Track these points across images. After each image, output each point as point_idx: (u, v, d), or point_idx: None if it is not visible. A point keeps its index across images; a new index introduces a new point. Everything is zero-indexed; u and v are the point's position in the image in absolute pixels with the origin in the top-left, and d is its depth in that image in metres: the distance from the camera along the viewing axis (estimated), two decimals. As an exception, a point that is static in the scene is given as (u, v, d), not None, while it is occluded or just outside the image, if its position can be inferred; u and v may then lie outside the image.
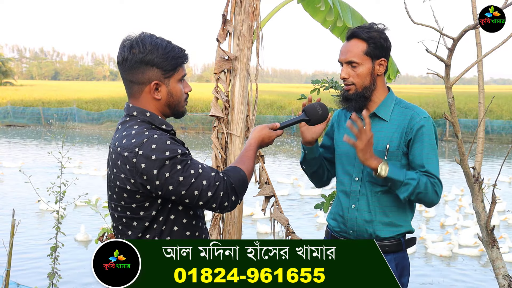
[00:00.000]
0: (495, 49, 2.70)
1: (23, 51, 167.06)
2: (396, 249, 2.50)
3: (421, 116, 2.47)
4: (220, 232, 3.59)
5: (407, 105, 2.54)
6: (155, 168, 1.82)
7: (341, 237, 2.57)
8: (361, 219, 2.50)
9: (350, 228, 2.54)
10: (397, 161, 2.46)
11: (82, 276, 6.85)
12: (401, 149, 2.46)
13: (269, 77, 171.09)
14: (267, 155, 18.31)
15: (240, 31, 3.53)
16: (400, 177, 2.37)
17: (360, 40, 2.47)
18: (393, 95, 2.57)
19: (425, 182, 2.39)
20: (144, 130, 1.89)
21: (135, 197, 1.89)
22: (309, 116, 2.36)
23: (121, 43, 1.97)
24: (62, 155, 4.48)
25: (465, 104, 28.26)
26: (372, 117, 2.52)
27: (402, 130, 2.47)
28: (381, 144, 2.47)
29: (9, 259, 4.10)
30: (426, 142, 2.44)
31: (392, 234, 2.50)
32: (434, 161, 2.44)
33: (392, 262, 2.48)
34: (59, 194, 4.37)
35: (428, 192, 2.40)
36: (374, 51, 2.47)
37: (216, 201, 1.90)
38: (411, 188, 2.37)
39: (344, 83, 2.52)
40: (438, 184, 2.42)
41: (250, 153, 2.10)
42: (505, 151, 20.73)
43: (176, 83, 1.99)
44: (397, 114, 2.51)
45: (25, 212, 9.50)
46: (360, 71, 2.47)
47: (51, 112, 29.76)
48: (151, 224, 1.92)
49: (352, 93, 2.49)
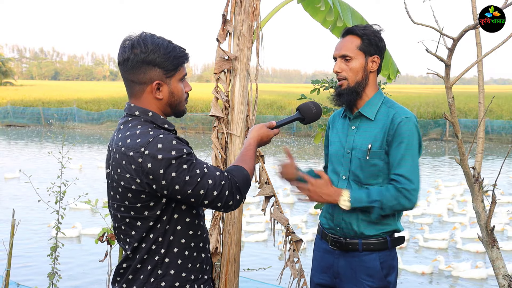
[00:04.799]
0: (495, 49, 2.70)
1: (23, 51, 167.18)
2: (381, 247, 2.53)
3: (402, 116, 2.48)
4: (220, 232, 3.59)
5: (393, 105, 2.56)
6: (161, 168, 1.82)
7: (330, 234, 2.63)
8: (347, 216, 2.54)
9: (337, 225, 2.59)
10: (380, 160, 2.49)
11: (82, 276, 6.85)
12: (384, 148, 2.49)
13: (269, 77, 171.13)
14: (267, 155, 18.30)
15: (240, 31, 3.53)
16: (363, 203, 2.42)
17: (354, 36, 2.54)
18: (381, 94, 2.60)
19: (392, 194, 2.42)
20: (148, 129, 1.89)
21: (140, 197, 1.89)
22: (303, 114, 2.41)
23: (122, 43, 1.97)
24: (62, 155, 4.48)
25: (465, 104, 28.26)
26: (359, 117, 2.58)
27: (385, 130, 2.49)
28: (365, 144, 2.52)
29: (9, 259, 4.10)
30: (403, 142, 2.45)
31: (377, 232, 2.53)
32: (409, 163, 2.44)
33: (376, 260, 2.52)
34: (59, 194, 4.37)
35: (397, 203, 2.43)
36: (368, 47, 2.52)
37: (222, 200, 1.91)
38: (377, 210, 2.43)
39: (337, 77, 2.57)
40: (407, 189, 2.42)
41: (250, 152, 2.11)
42: (505, 151, 20.72)
43: (177, 82, 1.99)
44: (382, 113, 2.54)
45: (25, 212, 9.49)
46: (353, 65, 2.52)
47: (51, 112, 29.77)
48: (155, 223, 1.92)
49: (344, 88, 2.54)
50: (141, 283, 1.94)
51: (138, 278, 1.95)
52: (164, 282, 1.93)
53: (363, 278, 2.52)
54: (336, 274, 2.60)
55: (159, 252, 1.93)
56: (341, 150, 2.58)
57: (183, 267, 1.96)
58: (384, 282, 2.52)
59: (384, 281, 2.52)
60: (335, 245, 2.60)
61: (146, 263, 1.94)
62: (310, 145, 22.47)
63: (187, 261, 1.97)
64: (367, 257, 2.52)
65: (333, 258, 2.62)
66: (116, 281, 2.02)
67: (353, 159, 2.53)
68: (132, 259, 1.96)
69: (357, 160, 2.52)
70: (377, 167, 2.49)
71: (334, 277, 2.62)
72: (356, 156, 2.52)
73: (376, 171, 2.49)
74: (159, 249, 1.93)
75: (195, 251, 1.99)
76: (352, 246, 2.54)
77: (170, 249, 1.93)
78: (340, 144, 2.62)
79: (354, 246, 2.54)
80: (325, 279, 2.65)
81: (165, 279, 1.93)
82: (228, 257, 3.53)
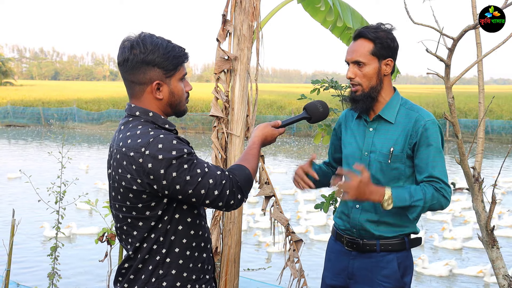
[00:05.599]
0: (495, 49, 2.70)
1: (23, 51, 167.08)
2: (399, 248, 2.50)
3: (426, 119, 2.45)
4: (220, 232, 3.59)
5: (412, 107, 2.52)
6: (162, 168, 1.82)
7: (346, 235, 2.59)
8: (364, 218, 2.51)
9: (353, 226, 2.55)
10: (401, 164, 2.46)
11: (82, 276, 6.86)
12: (405, 152, 2.46)
13: (269, 77, 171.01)
14: (267, 155, 18.30)
15: (240, 31, 3.53)
16: (406, 203, 2.37)
17: (366, 40, 2.47)
18: (399, 96, 2.56)
19: (431, 194, 2.39)
20: (149, 130, 1.89)
21: (141, 197, 1.89)
22: (310, 114, 2.39)
23: (121, 44, 1.96)
24: (62, 155, 4.48)
25: (465, 104, 28.26)
26: (378, 119, 2.53)
27: (407, 133, 2.46)
28: (386, 147, 2.47)
29: (9, 259, 4.10)
30: (431, 145, 2.43)
31: (395, 234, 2.50)
32: (440, 165, 2.43)
33: (394, 261, 2.49)
34: (59, 194, 4.37)
35: (437, 201, 2.40)
36: (381, 51, 2.46)
37: (223, 200, 1.90)
38: (419, 209, 2.39)
39: (351, 83, 2.52)
40: (445, 189, 2.42)
41: (254, 151, 2.11)
42: (505, 151, 20.71)
43: (177, 82, 1.99)
44: (402, 116, 2.50)
45: (25, 212, 9.48)
46: (367, 71, 2.46)
47: (51, 112, 29.77)
48: (156, 223, 1.92)
49: (359, 94, 2.49)
50: (142, 283, 1.94)
51: (139, 278, 1.95)
52: (165, 282, 1.93)
53: (379, 279, 2.49)
54: (351, 276, 2.57)
55: (160, 252, 1.93)
56: (358, 152, 2.53)
57: (184, 267, 1.96)
58: (401, 283, 2.49)
59: (401, 282, 2.49)
60: (351, 246, 2.56)
61: (148, 263, 1.94)
62: (310, 145, 22.46)
63: (189, 261, 1.97)
64: (385, 258, 2.49)
65: (348, 259, 2.58)
66: (118, 281, 2.02)
67: (373, 162, 2.49)
68: (133, 259, 1.96)
69: (378, 163, 2.48)
70: (399, 170, 2.46)
71: (348, 278, 2.58)
72: (376, 159, 2.48)
73: (398, 174, 2.47)
74: (161, 249, 1.93)
75: (196, 251, 1.99)
76: (369, 247, 2.51)
77: (172, 249, 1.93)
78: (356, 146, 2.56)
79: (372, 247, 2.51)
80: (338, 281, 2.61)
81: (167, 279, 1.93)
82: (228, 257, 3.53)
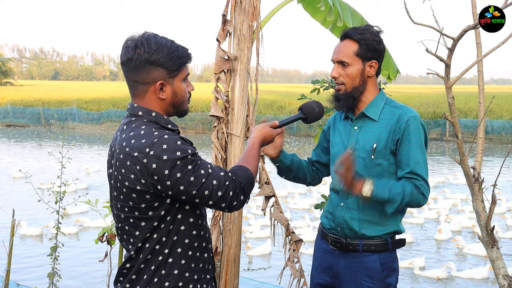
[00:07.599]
0: (495, 49, 2.70)
1: (23, 51, 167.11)
2: (382, 249, 2.53)
3: (408, 115, 2.48)
4: (220, 232, 3.59)
5: (397, 105, 2.56)
6: (166, 169, 1.82)
7: (331, 234, 2.62)
8: (348, 217, 2.54)
9: (338, 225, 2.58)
10: (384, 160, 2.49)
11: (82, 276, 6.86)
12: (389, 148, 2.48)
13: (269, 77, 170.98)
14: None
15: (240, 31, 3.53)
16: (385, 194, 2.39)
17: (352, 41, 2.51)
18: (383, 95, 2.60)
19: (410, 190, 2.41)
20: (153, 130, 1.89)
21: (145, 197, 1.89)
22: (306, 114, 2.41)
23: (125, 43, 1.96)
24: (62, 155, 4.48)
25: (465, 104, 28.26)
26: (362, 118, 2.56)
27: (390, 129, 2.49)
28: (369, 144, 2.51)
29: (9, 259, 4.10)
30: (413, 142, 2.45)
31: (378, 233, 2.52)
32: (421, 162, 2.45)
33: (377, 262, 2.51)
34: (59, 194, 4.37)
35: (416, 199, 2.43)
36: (366, 52, 2.49)
37: (226, 201, 1.91)
38: (397, 204, 2.41)
39: (335, 82, 2.57)
40: (424, 186, 2.44)
41: (254, 152, 2.11)
42: (505, 151, 20.71)
43: (180, 82, 1.99)
44: (387, 113, 2.53)
45: (26, 212, 9.48)
46: (350, 71, 2.51)
47: (51, 112, 29.77)
48: (159, 224, 1.92)
49: (342, 94, 2.54)
50: (144, 283, 1.94)
51: (141, 278, 1.95)
52: (167, 282, 1.93)
53: (363, 279, 2.51)
54: (336, 275, 2.60)
55: (162, 252, 1.93)
56: (343, 151, 2.56)
57: (186, 267, 1.96)
58: (384, 283, 2.51)
59: (384, 283, 2.51)
60: (335, 245, 2.60)
61: (150, 263, 1.94)
62: (310, 145, 22.46)
63: (191, 261, 1.97)
64: (367, 258, 2.52)
65: (333, 258, 2.61)
66: (119, 281, 2.01)
67: (357, 159, 2.51)
68: (135, 259, 1.96)
69: (361, 160, 2.51)
70: (382, 167, 2.49)
71: (334, 277, 2.61)
72: (360, 156, 2.51)
73: (381, 170, 2.49)
74: (163, 249, 1.93)
75: (198, 251, 1.99)
76: (352, 247, 2.54)
77: (174, 249, 1.93)
78: (342, 145, 2.60)
79: (355, 247, 2.54)
80: (325, 280, 2.65)
81: (169, 279, 1.94)
82: (228, 257, 3.53)
